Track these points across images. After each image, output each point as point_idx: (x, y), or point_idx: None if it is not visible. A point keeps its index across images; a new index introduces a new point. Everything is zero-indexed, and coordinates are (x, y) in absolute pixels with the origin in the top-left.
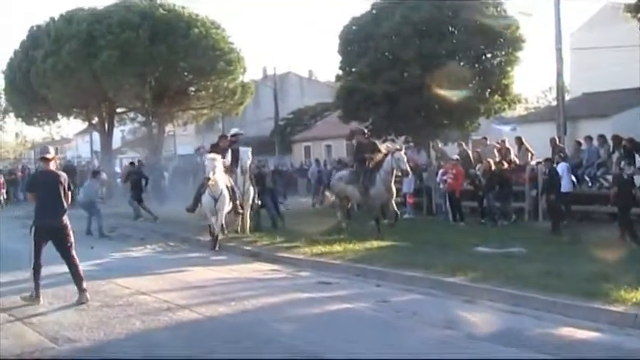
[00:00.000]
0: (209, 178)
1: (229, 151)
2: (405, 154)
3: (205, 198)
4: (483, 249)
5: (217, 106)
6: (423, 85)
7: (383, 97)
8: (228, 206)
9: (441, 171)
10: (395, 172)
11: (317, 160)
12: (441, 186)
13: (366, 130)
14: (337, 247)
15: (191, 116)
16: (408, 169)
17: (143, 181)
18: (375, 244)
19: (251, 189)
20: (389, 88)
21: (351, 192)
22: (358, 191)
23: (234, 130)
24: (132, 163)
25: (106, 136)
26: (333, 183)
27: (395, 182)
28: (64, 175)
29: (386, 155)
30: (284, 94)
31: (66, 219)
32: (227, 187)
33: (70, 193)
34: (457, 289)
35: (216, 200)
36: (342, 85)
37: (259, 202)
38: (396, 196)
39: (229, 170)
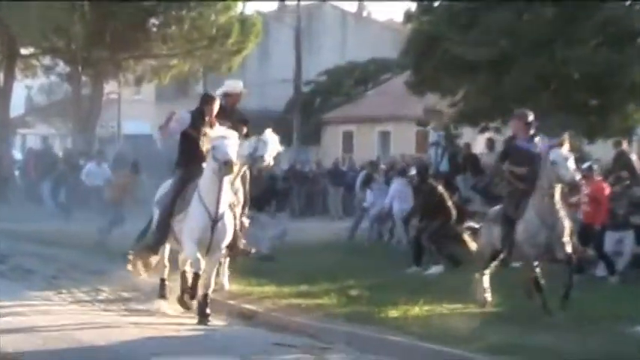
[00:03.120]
0: (230, 162)
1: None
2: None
3: (195, 214)
4: None
5: (196, 53)
6: (556, 40)
7: (486, 56)
8: (227, 240)
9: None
10: (555, 185)
11: (374, 163)
12: (579, 215)
13: (530, 115)
14: (391, 312)
15: (150, 69)
16: (576, 177)
17: None
18: (459, 308)
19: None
20: (496, 42)
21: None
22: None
23: (229, 85)
24: None
25: (0, 96)
26: (483, 227)
27: None
28: None
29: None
30: (313, 40)
31: None
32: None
33: None
34: None
35: (214, 222)
36: (416, 30)
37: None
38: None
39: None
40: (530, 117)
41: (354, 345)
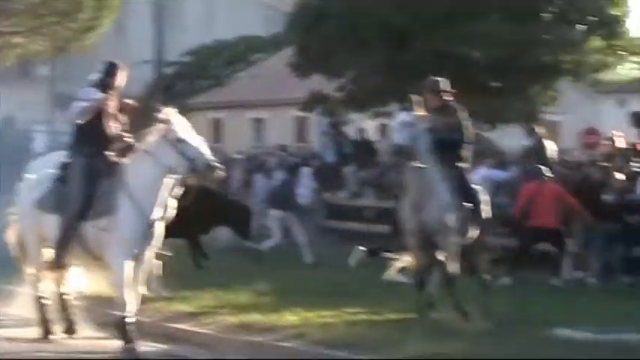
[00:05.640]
0: (215, 167)
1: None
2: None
3: (129, 221)
4: (568, 333)
5: (44, 30)
6: (456, 14)
7: (380, 32)
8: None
9: None
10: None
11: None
12: None
13: (441, 82)
14: (288, 317)
15: None
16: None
17: None
18: (363, 312)
19: None
20: (393, 16)
21: None
22: None
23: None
24: None
25: None
26: None
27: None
28: None
29: None
30: (176, 16)
31: None
32: None
33: None
34: None
35: (150, 226)
36: (303, 3)
37: None
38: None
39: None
40: (441, 84)
41: (244, 353)
